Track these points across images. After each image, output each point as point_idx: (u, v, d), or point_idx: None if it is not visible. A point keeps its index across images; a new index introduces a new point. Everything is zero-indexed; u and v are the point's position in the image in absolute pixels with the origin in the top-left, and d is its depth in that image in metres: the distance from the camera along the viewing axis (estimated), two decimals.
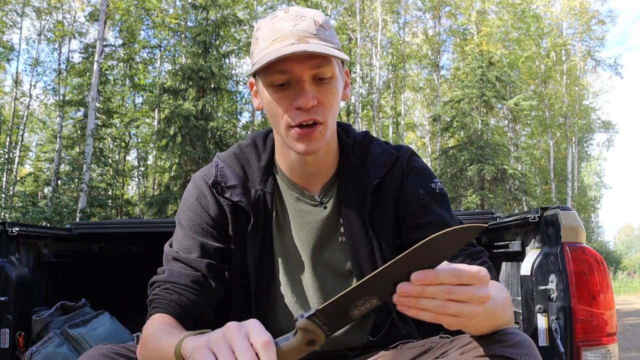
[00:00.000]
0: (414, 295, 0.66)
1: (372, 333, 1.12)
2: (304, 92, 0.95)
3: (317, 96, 0.96)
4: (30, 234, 1.78)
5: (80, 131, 15.82)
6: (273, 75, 0.96)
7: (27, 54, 18.02)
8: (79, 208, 11.81)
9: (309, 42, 0.94)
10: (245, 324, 0.66)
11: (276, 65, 0.94)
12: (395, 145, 1.16)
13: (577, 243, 1.47)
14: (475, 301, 0.68)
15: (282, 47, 0.93)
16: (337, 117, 1.04)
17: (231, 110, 17.89)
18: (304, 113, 0.96)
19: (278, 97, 0.97)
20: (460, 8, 20.07)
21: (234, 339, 0.64)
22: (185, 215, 1.09)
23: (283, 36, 0.95)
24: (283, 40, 0.94)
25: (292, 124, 0.97)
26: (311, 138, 0.97)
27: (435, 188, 1.10)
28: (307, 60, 0.94)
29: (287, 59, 0.93)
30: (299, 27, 0.96)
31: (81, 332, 1.78)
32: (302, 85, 0.95)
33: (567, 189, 21.35)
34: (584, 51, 21.95)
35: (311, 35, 0.95)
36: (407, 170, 1.11)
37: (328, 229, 1.11)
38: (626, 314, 8.47)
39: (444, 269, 0.66)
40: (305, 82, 0.95)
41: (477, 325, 0.81)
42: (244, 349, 0.63)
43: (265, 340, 0.63)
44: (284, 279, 1.12)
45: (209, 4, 13.71)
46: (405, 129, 22.07)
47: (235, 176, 1.09)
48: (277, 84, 0.97)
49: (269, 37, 0.97)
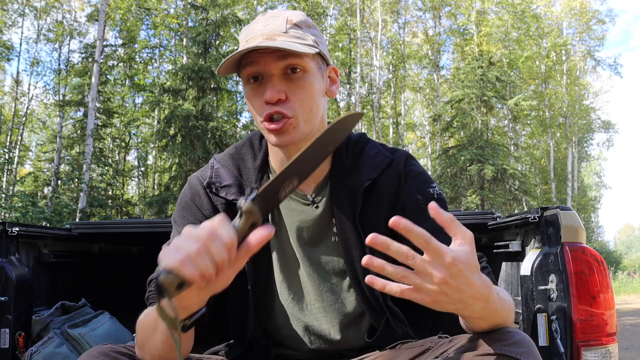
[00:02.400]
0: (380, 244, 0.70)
1: (369, 334, 1.12)
2: (271, 86, 1.00)
3: (286, 91, 1.00)
4: (30, 234, 1.78)
5: (80, 131, 15.83)
6: (245, 69, 1.01)
7: (27, 54, 17.99)
8: (79, 208, 11.81)
9: (275, 39, 0.99)
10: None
11: (246, 59, 1.00)
12: (391, 148, 1.16)
13: (577, 243, 1.47)
14: (429, 277, 0.70)
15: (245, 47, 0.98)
16: (317, 113, 1.05)
17: (231, 110, 17.89)
18: (272, 106, 1.00)
19: (252, 93, 1.03)
20: (460, 8, 20.07)
21: (191, 230, 0.70)
22: (181, 214, 1.11)
23: (253, 37, 1.01)
24: (252, 41, 1.00)
25: (261, 118, 1.01)
26: (281, 131, 1.01)
27: (434, 193, 1.10)
28: (273, 53, 0.98)
29: (255, 55, 0.99)
30: (268, 27, 1.02)
31: (81, 332, 1.78)
32: (270, 79, 1.00)
33: (567, 189, 21.35)
34: (584, 51, 21.97)
35: (280, 34, 1.01)
36: (405, 174, 1.12)
37: (321, 228, 1.11)
38: (626, 314, 8.47)
39: (421, 230, 0.70)
40: (274, 76, 1.00)
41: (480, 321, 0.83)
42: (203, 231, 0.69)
43: (219, 219, 0.71)
44: (280, 277, 1.12)
45: (209, 4, 13.70)
46: (405, 129, 22.07)
47: (230, 176, 1.10)
48: (250, 77, 1.02)
49: (243, 39, 1.04)
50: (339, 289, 1.12)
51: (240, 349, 1.13)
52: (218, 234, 0.69)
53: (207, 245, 0.68)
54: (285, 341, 1.14)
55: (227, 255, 0.69)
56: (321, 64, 1.07)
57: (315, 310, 1.12)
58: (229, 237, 0.69)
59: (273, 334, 1.14)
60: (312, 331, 1.11)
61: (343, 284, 1.11)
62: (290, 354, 1.15)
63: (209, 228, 0.69)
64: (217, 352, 1.17)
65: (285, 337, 1.14)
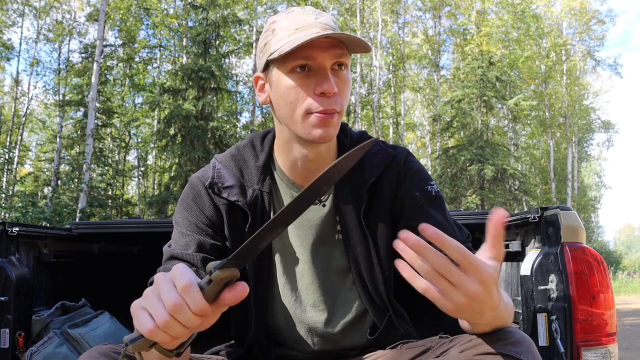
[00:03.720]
0: (415, 246, 0.67)
1: (371, 332, 1.13)
2: (329, 78, 0.97)
3: (336, 85, 0.99)
4: (30, 234, 1.78)
5: (80, 131, 15.82)
6: (297, 61, 0.98)
7: (26, 54, 18.00)
8: (79, 208, 11.80)
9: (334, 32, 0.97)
10: (171, 271, 0.67)
11: (300, 52, 0.96)
12: (392, 145, 1.17)
13: (577, 243, 1.47)
14: (463, 290, 0.69)
15: (309, 34, 0.95)
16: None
17: (231, 110, 17.89)
18: (327, 100, 0.98)
19: (301, 83, 0.99)
20: (460, 8, 20.07)
21: (161, 289, 0.65)
22: (182, 215, 1.10)
23: (307, 26, 0.98)
24: (308, 30, 0.97)
25: (314, 111, 0.98)
26: (329, 124, 0.99)
27: (432, 191, 1.10)
28: (330, 49, 0.97)
29: (311, 47, 0.96)
30: (320, 20, 0.99)
31: (81, 332, 1.78)
32: (325, 72, 0.98)
33: (567, 189, 21.35)
34: (584, 51, 21.97)
35: (332, 28, 0.99)
36: (404, 171, 1.12)
37: (326, 227, 1.11)
38: (626, 314, 8.47)
39: (455, 242, 0.67)
40: (327, 69, 0.98)
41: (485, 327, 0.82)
42: (171, 297, 0.64)
43: (185, 283, 0.64)
44: (283, 278, 1.12)
45: (209, 4, 13.71)
46: (405, 129, 22.07)
47: (232, 176, 1.10)
48: (297, 67, 0.98)
49: (291, 27, 0.99)
50: (342, 287, 1.12)
51: (241, 350, 1.13)
52: (184, 306, 0.63)
53: (175, 315, 0.64)
54: (287, 342, 1.14)
55: (200, 321, 0.65)
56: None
57: (317, 310, 1.12)
58: (197, 306, 0.63)
59: (275, 335, 1.14)
60: (314, 331, 1.11)
61: (346, 282, 1.12)
62: (292, 355, 1.15)
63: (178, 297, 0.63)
64: (218, 352, 1.16)
65: (288, 338, 1.13)
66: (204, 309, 0.64)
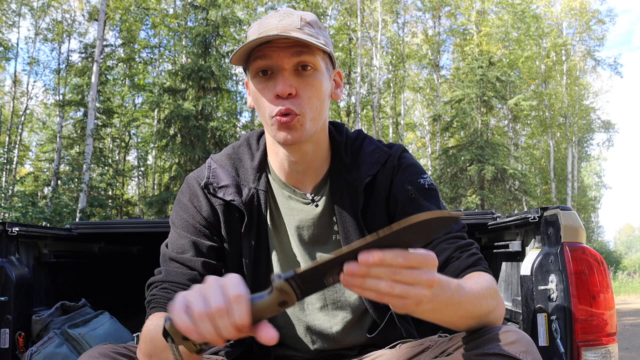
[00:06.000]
0: (360, 275, 0.65)
1: (370, 330, 1.12)
2: (282, 79, 0.98)
3: (296, 87, 0.99)
4: (30, 234, 1.78)
5: (80, 131, 15.82)
6: (255, 62, 1.00)
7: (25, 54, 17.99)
8: (79, 208, 11.80)
9: (290, 34, 0.97)
10: (223, 278, 0.68)
11: (257, 52, 0.99)
12: (388, 144, 1.17)
13: (577, 243, 1.47)
14: (421, 284, 0.67)
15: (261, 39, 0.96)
16: (322, 113, 1.05)
17: (231, 110, 17.88)
18: (282, 101, 0.98)
19: (262, 87, 1.01)
20: (460, 8, 20.07)
21: (208, 290, 0.66)
22: (179, 216, 1.10)
23: (267, 30, 0.99)
24: (266, 33, 0.98)
25: (273, 114, 0.99)
26: (289, 127, 0.99)
27: (424, 183, 1.10)
28: (287, 48, 0.98)
29: (268, 47, 0.98)
30: (283, 22, 1.00)
31: (81, 332, 1.78)
32: (282, 74, 0.99)
33: (567, 189, 21.35)
34: (584, 51, 21.97)
35: (295, 29, 0.99)
36: (397, 167, 1.12)
37: (322, 227, 1.11)
38: (626, 314, 8.47)
39: (391, 251, 0.65)
40: (286, 70, 0.99)
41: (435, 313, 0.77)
42: (217, 300, 0.64)
43: (238, 293, 0.64)
44: None
45: (209, 4, 13.70)
46: (405, 129, 22.07)
47: (228, 176, 1.10)
48: (260, 71, 1.00)
49: (255, 32, 1.02)
50: (341, 287, 1.12)
51: (240, 349, 1.13)
52: (229, 312, 0.64)
53: (214, 318, 0.64)
54: (286, 341, 1.14)
55: (235, 334, 0.65)
56: (329, 65, 1.07)
57: (316, 309, 1.12)
58: (240, 318, 0.64)
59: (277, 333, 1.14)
60: (313, 331, 1.11)
61: None
62: (291, 355, 1.15)
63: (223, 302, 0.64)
64: (217, 352, 1.16)
65: (287, 338, 1.13)
66: (244, 324, 0.64)
